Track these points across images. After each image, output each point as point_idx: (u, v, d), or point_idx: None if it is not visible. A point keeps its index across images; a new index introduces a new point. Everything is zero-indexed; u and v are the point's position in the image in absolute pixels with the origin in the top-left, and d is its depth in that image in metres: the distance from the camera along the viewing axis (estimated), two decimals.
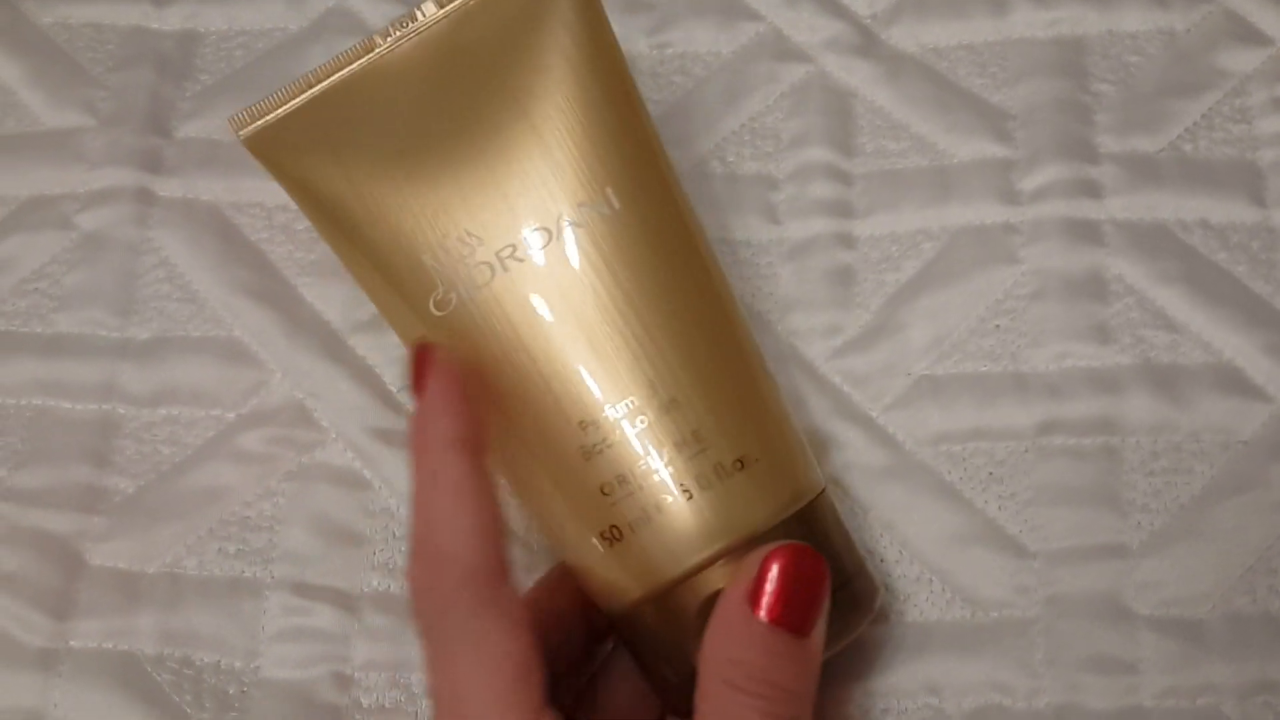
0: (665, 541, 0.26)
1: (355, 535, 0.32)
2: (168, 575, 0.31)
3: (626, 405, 0.26)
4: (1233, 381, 0.32)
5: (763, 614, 0.25)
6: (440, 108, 0.28)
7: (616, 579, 0.27)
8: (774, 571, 0.25)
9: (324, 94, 0.29)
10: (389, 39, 0.29)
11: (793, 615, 0.25)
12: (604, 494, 0.26)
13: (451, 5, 0.29)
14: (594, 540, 0.27)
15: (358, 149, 0.28)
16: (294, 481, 0.32)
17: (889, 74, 0.37)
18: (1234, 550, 0.31)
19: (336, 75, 0.29)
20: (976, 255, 0.34)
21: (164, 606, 0.31)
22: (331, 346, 0.34)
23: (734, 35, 0.38)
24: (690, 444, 0.26)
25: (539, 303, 0.27)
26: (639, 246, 0.28)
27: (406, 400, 0.33)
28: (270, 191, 0.36)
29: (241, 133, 0.29)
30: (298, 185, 0.29)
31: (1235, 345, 0.32)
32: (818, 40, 0.37)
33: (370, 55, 0.29)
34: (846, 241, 0.35)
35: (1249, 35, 0.36)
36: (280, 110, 0.29)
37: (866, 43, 0.37)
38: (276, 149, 0.29)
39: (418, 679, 0.30)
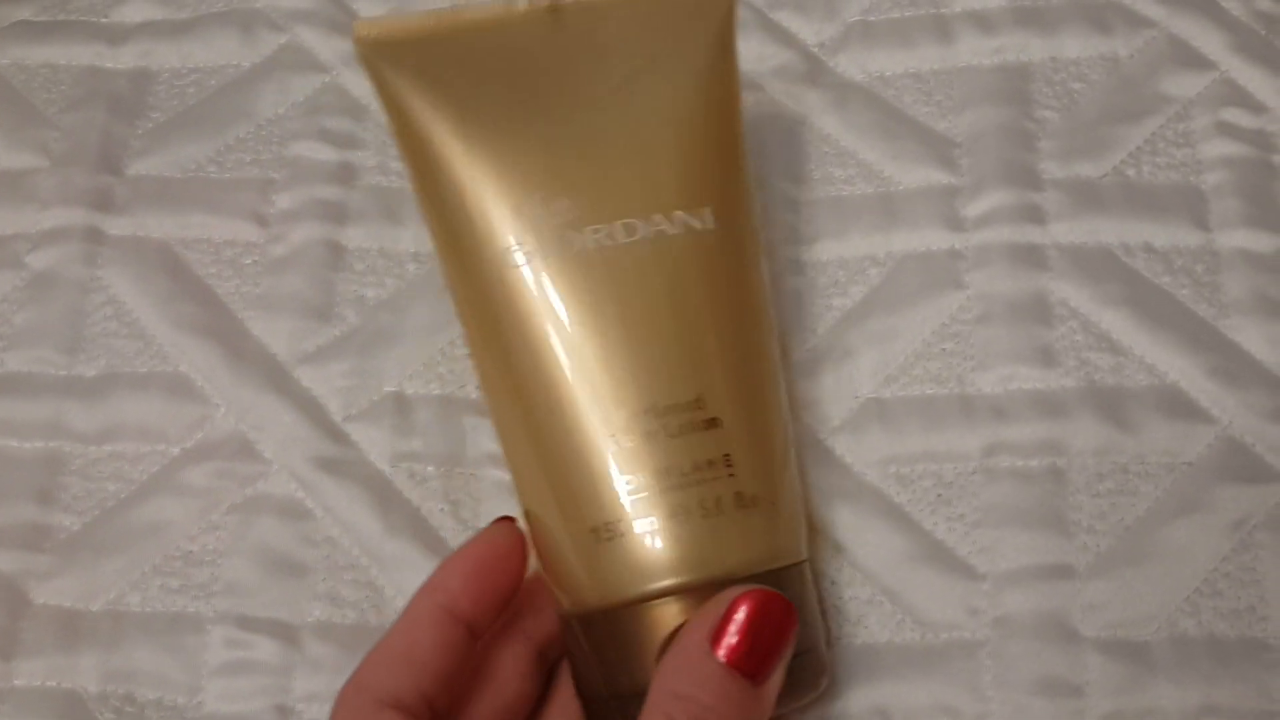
0: (659, 552, 0.26)
1: (297, 565, 0.32)
2: (111, 612, 0.31)
3: (672, 408, 0.27)
4: (1177, 404, 0.32)
5: (721, 654, 0.25)
6: (563, 84, 0.29)
7: (596, 577, 0.27)
8: (741, 613, 0.25)
9: (450, 32, 0.29)
10: (528, 5, 0.29)
11: (751, 661, 0.25)
12: (624, 488, 0.26)
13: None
14: (589, 531, 0.26)
15: (473, 91, 0.28)
16: (237, 514, 0.32)
17: (836, 102, 0.37)
18: (1179, 572, 0.30)
19: (469, 17, 0.29)
20: (922, 280, 0.34)
21: (107, 644, 0.31)
22: (276, 379, 0.34)
23: None
24: (719, 466, 0.27)
25: (619, 287, 0.27)
26: (721, 269, 0.28)
27: (351, 430, 0.33)
28: (218, 227, 0.36)
29: (360, 38, 0.29)
30: (397, 108, 0.29)
31: (1179, 368, 0.33)
32: (766, 69, 0.38)
33: (508, 12, 0.29)
34: (794, 267, 0.35)
35: (1192, 60, 0.36)
36: (402, 31, 0.29)
37: (814, 71, 0.37)
38: (388, 66, 0.29)
39: None
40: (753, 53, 0.38)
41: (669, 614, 0.26)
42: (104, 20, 0.40)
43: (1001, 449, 0.32)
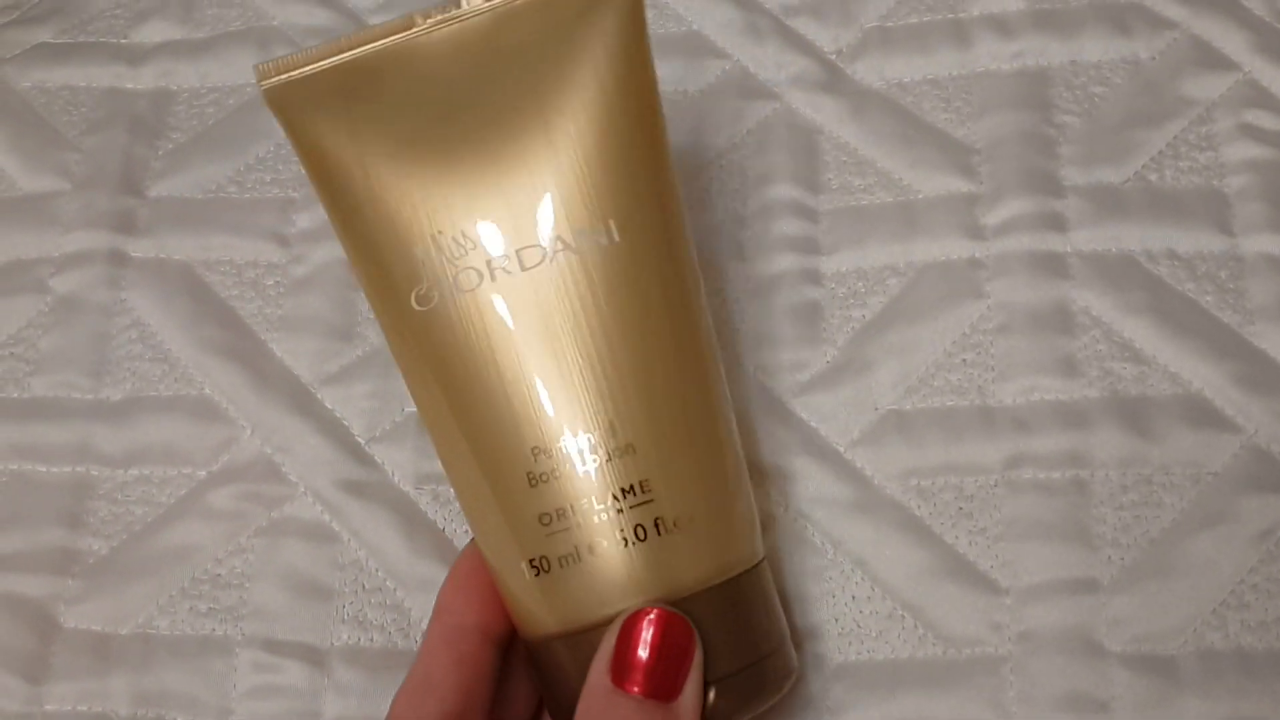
0: (590, 584, 0.26)
1: (324, 589, 0.32)
2: (140, 636, 0.32)
3: (583, 440, 0.26)
4: (1202, 413, 0.32)
5: (627, 687, 0.25)
6: (463, 102, 0.28)
7: (537, 609, 0.27)
8: (632, 641, 0.25)
9: (352, 61, 0.28)
10: (428, 20, 0.28)
11: (657, 683, 0.25)
12: (541, 524, 0.26)
13: (497, 1, 0.28)
14: (522, 566, 0.27)
15: (374, 125, 0.28)
16: (264, 537, 0.32)
17: (854, 110, 0.37)
18: (1206, 585, 0.30)
19: (368, 46, 0.28)
20: (942, 290, 0.34)
21: (136, 667, 0.31)
22: (300, 400, 0.34)
23: (701, 73, 0.38)
24: (637, 493, 0.26)
25: (518, 320, 0.27)
26: (629, 284, 0.27)
27: (375, 452, 0.33)
28: (240, 248, 0.36)
29: (263, 84, 0.28)
30: (308, 149, 0.28)
31: (1204, 376, 0.32)
32: (783, 77, 0.37)
33: (406, 34, 0.28)
34: (813, 278, 0.35)
35: (1214, 61, 0.36)
36: (305, 69, 0.28)
37: (832, 78, 0.37)
38: (294, 107, 0.28)
39: None
40: (770, 60, 0.38)
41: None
42: (123, 41, 0.40)
43: (1023, 461, 0.32)
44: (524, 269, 0.27)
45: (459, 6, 0.28)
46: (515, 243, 0.27)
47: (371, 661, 0.31)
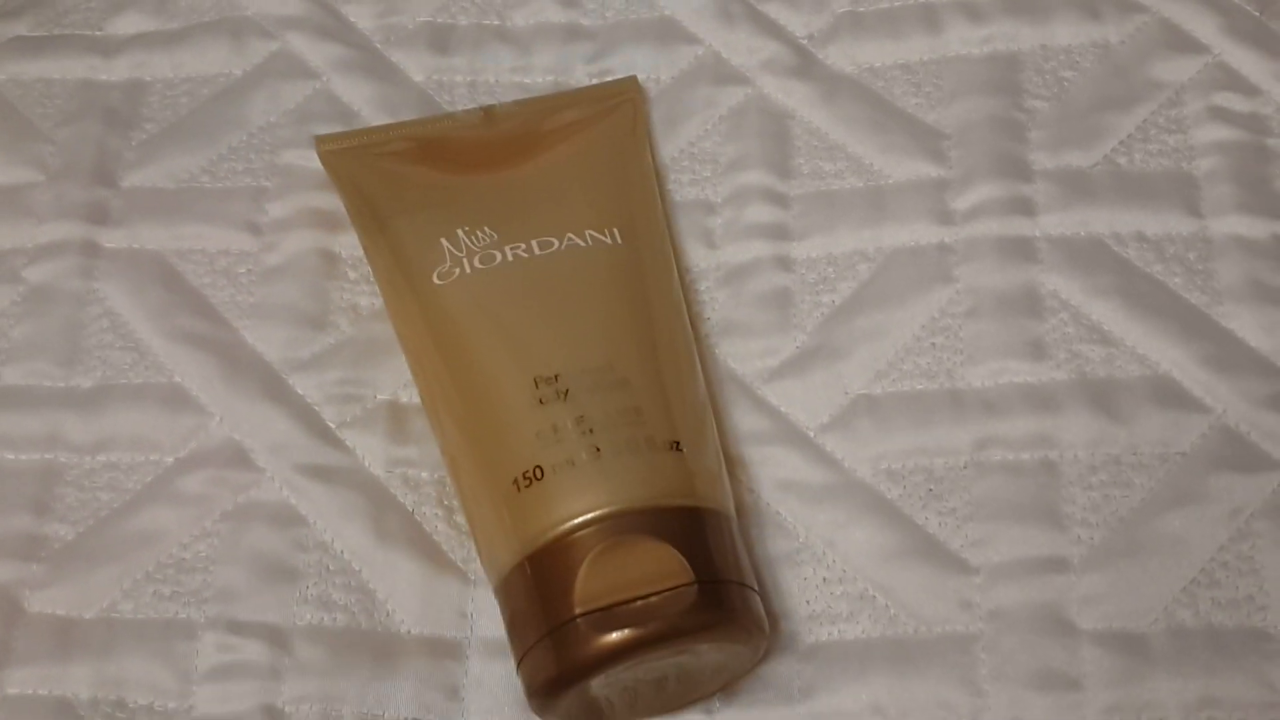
0: (577, 487, 0.28)
1: (289, 570, 0.32)
2: (104, 620, 0.31)
3: (584, 370, 0.30)
4: (1170, 394, 0.32)
5: None
6: (495, 157, 0.35)
7: (518, 527, 0.28)
8: None
9: (399, 130, 0.36)
10: (466, 111, 0.36)
11: None
12: (539, 436, 0.29)
13: (527, 101, 0.37)
14: (511, 484, 0.29)
15: (414, 165, 0.35)
16: (229, 521, 0.32)
17: (825, 95, 0.37)
18: (1176, 563, 0.30)
19: (412, 124, 0.36)
20: (912, 275, 0.34)
21: (99, 651, 0.31)
22: (271, 387, 0.34)
23: (673, 60, 0.38)
24: (631, 414, 0.29)
25: (532, 282, 0.31)
26: (627, 270, 0.32)
27: (346, 437, 0.33)
28: (212, 237, 0.36)
29: (322, 146, 0.36)
30: (348, 181, 0.35)
31: (1172, 357, 0.32)
32: (755, 62, 0.37)
33: (447, 118, 0.36)
34: (784, 264, 0.35)
35: (1184, 44, 0.36)
36: (359, 134, 0.36)
37: (803, 63, 0.37)
38: (344, 155, 0.36)
39: (349, 711, 0.30)
40: (741, 45, 0.38)
41: (590, 542, 0.28)
42: (98, 33, 0.40)
43: (992, 443, 0.32)
44: (541, 253, 0.32)
45: (492, 111, 0.36)
46: (532, 235, 0.32)
47: (334, 641, 0.31)
